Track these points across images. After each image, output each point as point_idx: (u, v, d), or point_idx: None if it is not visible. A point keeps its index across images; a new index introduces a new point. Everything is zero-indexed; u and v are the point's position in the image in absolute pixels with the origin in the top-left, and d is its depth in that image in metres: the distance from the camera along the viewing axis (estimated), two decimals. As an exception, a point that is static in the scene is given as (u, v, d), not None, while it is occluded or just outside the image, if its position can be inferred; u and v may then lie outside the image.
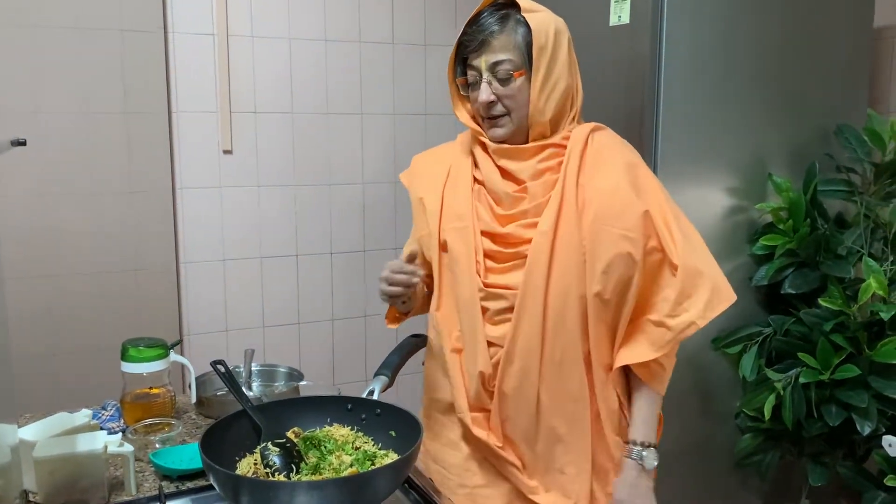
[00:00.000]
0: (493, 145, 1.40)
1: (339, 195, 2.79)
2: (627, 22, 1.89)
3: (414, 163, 1.58)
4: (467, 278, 1.38)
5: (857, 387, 1.86)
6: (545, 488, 1.41)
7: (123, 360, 1.54)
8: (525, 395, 1.36)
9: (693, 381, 2.02)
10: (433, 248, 1.44)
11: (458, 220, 1.40)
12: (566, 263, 1.32)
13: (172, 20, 2.47)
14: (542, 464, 1.41)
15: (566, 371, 1.36)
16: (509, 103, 1.36)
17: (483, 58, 1.35)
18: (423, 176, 1.52)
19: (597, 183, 1.34)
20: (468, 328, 1.39)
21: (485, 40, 1.34)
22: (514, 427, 1.39)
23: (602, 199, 1.33)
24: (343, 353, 2.87)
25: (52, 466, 1.19)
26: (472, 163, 1.45)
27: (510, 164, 1.39)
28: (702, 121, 1.94)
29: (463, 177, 1.44)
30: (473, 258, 1.37)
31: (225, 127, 2.57)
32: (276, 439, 1.13)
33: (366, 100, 2.80)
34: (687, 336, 1.36)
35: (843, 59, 2.11)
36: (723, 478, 2.11)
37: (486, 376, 1.37)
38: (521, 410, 1.37)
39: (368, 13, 2.76)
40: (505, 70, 1.34)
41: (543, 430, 1.38)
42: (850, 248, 1.96)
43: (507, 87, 1.35)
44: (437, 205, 1.44)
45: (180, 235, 2.57)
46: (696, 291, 1.34)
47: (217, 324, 2.65)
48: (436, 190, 1.46)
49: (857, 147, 2.01)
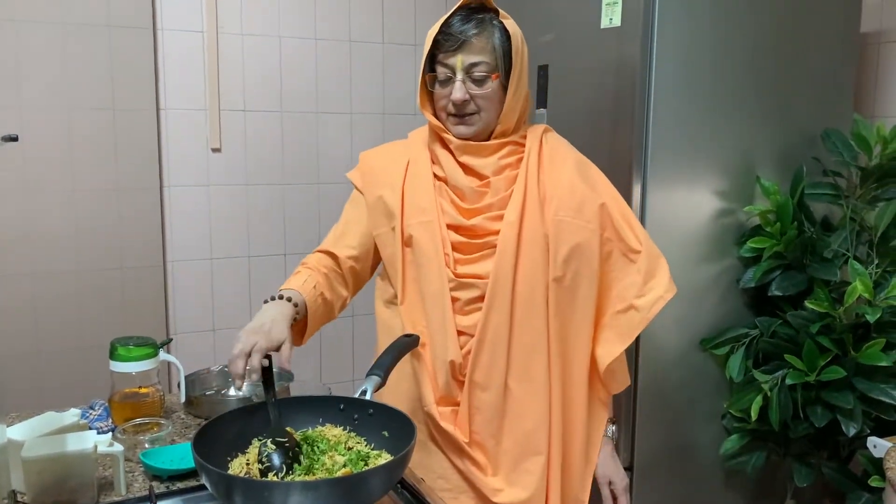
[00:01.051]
0: (457, 142, 1.43)
1: (328, 194, 2.79)
2: (619, 25, 1.90)
3: (364, 160, 1.58)
4: (436, 270, 1.40)
5: (842, 388, 1.88)
6: (509, 484, 1.42)
7: (112, 359, 1.53)
8: (495, 384, 1.39)
9: (680, 382, 2.04)
10: (394, 244, 1.45)
11: (423, 214, 1.43)
12: (532, 253, 1.39)
13: (161, 17, 2.45)
14: (508, 459, 1.42)
15: (534, 360, 1.40)
16: (482, 103, 1.40)
17: (459, 57, 1.38)
18: (378, 173, 1.52)
19: (555, 178, 1.42)
20: (437, 319, 1.41)
21: (464, 41, 1.38)
22: (482, 420, 1.41)
23: (562, 193, 1.41)
24: (330, 353, 2.86)
25: (40, 466, 1.18)
26: (430, 159, 1.47)
27: (472, 161, 1.43)
28: (691, 124, 1.95)
29: (422, 173, 1.46)
30: (441, 250, 1.40)
31: (214, 125, 2.56)
32: (279, 437, 1.13)
33: (355, 99, 2.80)
34: (655, 314, 1.42)
35: (830, 64, 2.14)
36: (708, 478, 2.13)
37: (457, 365, 1.40)
38: (491, 400, 1.40)
39: (358, 12, 2.76)
40: (481, 71, 1.38)
41: (510, 422, 1.41)
42: (837, 251, 1.99)
43: (482, 88, 1.39)
44: (397, 201, 1.46)
45: (168, 233, 2.55)
46: (659, 271, 1.45)
47: (204, 323, 2.63)
48: (394, 186, 1.47)
49: (843, 151, 2.03)
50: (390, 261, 1.48)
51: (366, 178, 1.54)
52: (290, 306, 1.32)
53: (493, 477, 1.43)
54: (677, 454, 2.06)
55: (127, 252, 2.47)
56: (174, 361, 1.61)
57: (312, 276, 1.43)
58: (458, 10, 1.41)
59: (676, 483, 2.08)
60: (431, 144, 1.48)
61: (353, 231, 1.51)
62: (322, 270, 1.46)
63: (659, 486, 2.05)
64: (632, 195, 1.90)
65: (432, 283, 1.41)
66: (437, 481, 1.45)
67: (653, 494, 2.04)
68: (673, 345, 2.02)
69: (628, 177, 1.90)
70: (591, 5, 1.97)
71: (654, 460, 2.03)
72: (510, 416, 1.41)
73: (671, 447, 2.05)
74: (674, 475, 2.07)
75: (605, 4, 1.93)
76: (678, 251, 1.98)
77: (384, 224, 1.48)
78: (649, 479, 2.03)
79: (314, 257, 1.50)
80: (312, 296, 1.39)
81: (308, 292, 1.38)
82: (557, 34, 2.10)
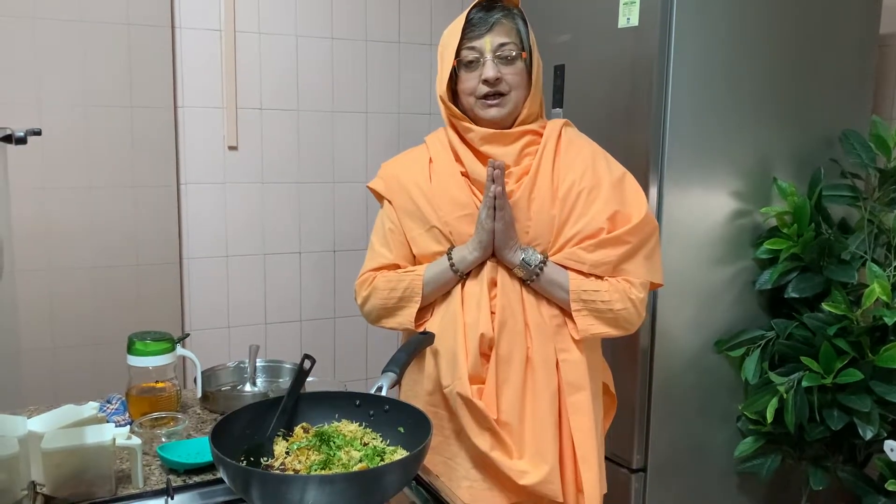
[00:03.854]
0: (479, 131, 1.46)
1: (343, 193, 2.80)
2: (636, 24, 1.90)
3: (385, 168, 1.60)
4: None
5: (859, 391, 1.87)
6: (533, 465, 1.43)
7: (129, 354, 1.54)
8: (517, 358, 1.43)
9: (695, 384, 2.03)
10: (440, 239, 1.48)
11: (462, 209, 1.47)
12: (538, 229, 1.44)
13: (180, 15, 2.47)
14: (531, 439, 1.44)
15: (545, 333, 1.45)
16: (512, 80, 1.45)
17: (488, 39, 1.43)
18: (401, 176, 1.54)
19: (568, 166, 1.47)
20: (474, 300, 1.45)
21: (493, 23, 1.44)
22: (510, 395, 1.43)
23: (574, 178, 1.45)
24: (345, 351, 2.87)
25: (59, 458, 1.19)
26: (453, 157, 1.50)
27: (494, 150, 1.46)
28: (709, 124, 1.94)
29: (448, 171, 1.50)
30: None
31: (230, 123, 2.57)
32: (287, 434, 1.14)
33: (371, 98, 2.80)
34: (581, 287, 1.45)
35: (849, 66, 2.12)
36: (722, 480, 2.12)
37: (486, 339, 1.43)
38: (513, 373, 1.43)
39: (374, 12, 2.77)
40: (510, 50, 1.44)
41: (530, 399, 1.44)
42: (854, 253, 1.97)
43: (512, 67, 1.45)
44: (427, 200, 1.49)
45: (184, 231, 2.57)
46: (634, 260, 1.46)
47: (219, 320, 2.65)
48: (421, 186, 1.50)
49: (861, 153, 2.02)
50: (429, 258, 1.51)
51: (389, 183, 1.56)
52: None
53: (518, 460, 1.44)
54: (691, 456, 2.06)
55: (143, 249, 2.49)
56: (191, 356, 1.62)
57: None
58: (474, 6, 1.46)
59: (690, 485, 2.07)
60: (453, 141, 1.50)
61: (397, 240, 1.54)
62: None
63: (672, 489, 2.05)
64: (648, 196, 1.89)
65: (476, 269, 1.47)
66: (471, 471, 1.47)
67: (666, 496, 2.04)
68: (687, 346, 2.01)
69: (645, 177, 1.89)
70: (608, 5, 1.96)
71: (667, 462, 2.02)
72: (530, 394, 1.44)
73: (685, 449, 2.04)
74: (688, 477, 2.06)
75: (622, 4, 1.93)
76: (694, 252, 1.97)
77: (418, 227, 1.50)
78: (663, 481, 2.02)
79: (381, 276, 1.53)
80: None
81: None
82: (574, 34, 2.10)
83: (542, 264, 1.43)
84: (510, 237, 1.42)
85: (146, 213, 2.48)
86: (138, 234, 2.48)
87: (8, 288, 1.19)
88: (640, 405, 1.97)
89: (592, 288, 1.42)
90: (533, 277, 1.43)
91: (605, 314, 1.43)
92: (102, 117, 2.39)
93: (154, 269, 2.51)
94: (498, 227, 1.41)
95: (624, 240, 1.42)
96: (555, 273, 1.43)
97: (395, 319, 1.52)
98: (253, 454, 1.15)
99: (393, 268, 1.54)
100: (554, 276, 1.43)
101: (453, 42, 1.45)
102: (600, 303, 1.42)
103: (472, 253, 1.44)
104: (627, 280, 1.44)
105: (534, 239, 1.45)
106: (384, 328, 1.57)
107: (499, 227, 1.41)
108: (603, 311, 1.42)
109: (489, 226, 1.41)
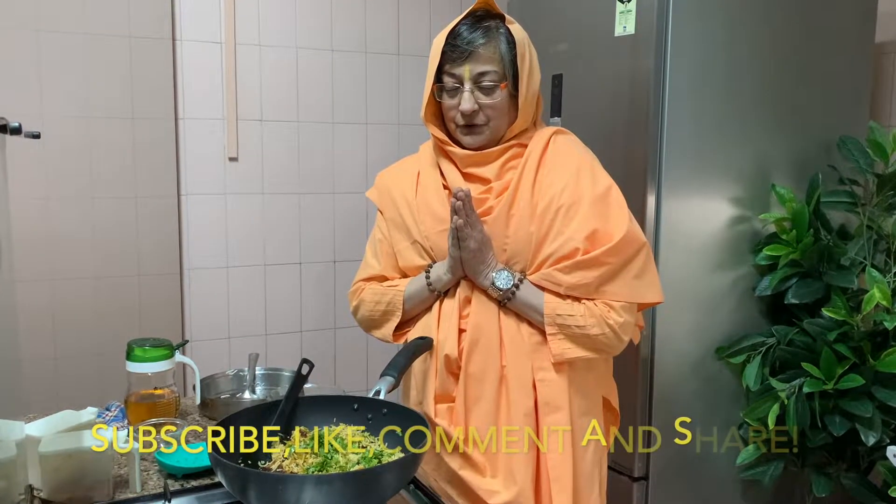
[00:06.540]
0: (461, 153, 1.44)
1: (343, 203, 2.80)
2: (633, 33, 1.91)
3: (380, 178, 1.61)
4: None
5: (861, 397, 1.86)
6: (505, 486, 1.41)
7: (129, 360, 1.54)
8: (491, 376, 1.41)
9: (696, 391, 2.02)
10: (421, 253, 1.48)
11: (441, 223, 1.45)
12: (516, 247, 1.41)
13: (181, 28, 2.49)
14: (504, 457, 1.41)
15: (521, 352, 1.41)
16: (490, 113, 1.41)
17: (467, 67, 1.39)
18: (391, 189, 1.55)
19: (551, 180, 1.41)
20: (446, 318, 1.44)
21: (472, 51, 1.38)
22: (480, 413, 1.41)
23: (553, 194, 1.39)
24: (345, 362, 2.86)
25: (57, 462, 1.19)
26: (439, 172, 1.49)
27: (476, 170, 1.45)
28: (706, 131, 1.95)
29: (433, 185, 1.49)
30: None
31: (231, 134, 2.59)
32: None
33: (370, 109, 2.82)
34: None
35: (846, 73, 2.13)
36: (724, 488, 2.10)
37: (452, 359, 1.42)
38: (486, 391, 1.41)
39: (374, 24, 2.79)
40: (489, 80, 1.39)
41: (504, 415, 1.41)
42: (854, 258, 1.97)
43: (491, 98, 1.40)
44: (412, 213, 1.49)
45: (185, 242, 2.57)
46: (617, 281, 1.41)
47: (220, 330, 2.65)
48: (408, 199, 1.50)
49: (859, 158, 2.02)
50: (412, 271, 1.51)
51: (381, 195, 1.57)
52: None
53: (492, 479, 1.42)
54: (692, 464, 2.04)
55: (144, 259, 2.49)
56: (190, 363, 1.62)
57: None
58: (464, 18, 1.42)
59: (692, 493, 2.06)
60: (438, 158, 1.50)
61: (385, 252, 1.55)
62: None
63: (674, 497, 2.03)
64: (646, 203, 1.90)
65: (453, 287, 1.45)
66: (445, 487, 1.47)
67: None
68: (688, 353, 2.00)
69: (643, 185, 1.90)
70: (604, 13, 1.98)
71: (668, 470, 2.01)
72: (504, 412, 1.42)
73: (686, 456, 2.03)
74: (689, 485, 2.05)
75: (618, 13, 1.94)
76: (693, 259, 1.97)
77: (403, 239, 1.51)
78: (664, 489, 2.01)
79: (369, 288, 1.55)
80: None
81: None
82: (571, 43, 2.11)
83: (514, 288, 1.39)
84: (480, 261, 1.39)
85: (147, 223, 2.49)
86: (139, 245, 2.48)
87: (7, 294, 1.20)
88: (641, 413, 1.96)
89: (567, 312, 1.37)
90: (506, 300, 1.40)
91: (581, 339, 1.38)
92: (104, 128, 2.40)
93: (155, 279, 2.51)
94: (465, 255, 1.38)
95: (601, 261, 1.36)
96: (529, 295, 1.39)
97: (379, 331, 1.55)
98: (251, 457, 1.15)
99: (381, 279, 1.55)
100: (528, 298, 1.39)
101: (433, 66, 1.43)
102: (575, 328, 1.37)
103: (445, 274, 1.43)
104: (608, 304, 1.38)
105: (512, 256, 1.42)
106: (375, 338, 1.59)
107: (465, 256, 1.38)
108: (578, 335, 1.38)
109: (455, 254, 1.39)
